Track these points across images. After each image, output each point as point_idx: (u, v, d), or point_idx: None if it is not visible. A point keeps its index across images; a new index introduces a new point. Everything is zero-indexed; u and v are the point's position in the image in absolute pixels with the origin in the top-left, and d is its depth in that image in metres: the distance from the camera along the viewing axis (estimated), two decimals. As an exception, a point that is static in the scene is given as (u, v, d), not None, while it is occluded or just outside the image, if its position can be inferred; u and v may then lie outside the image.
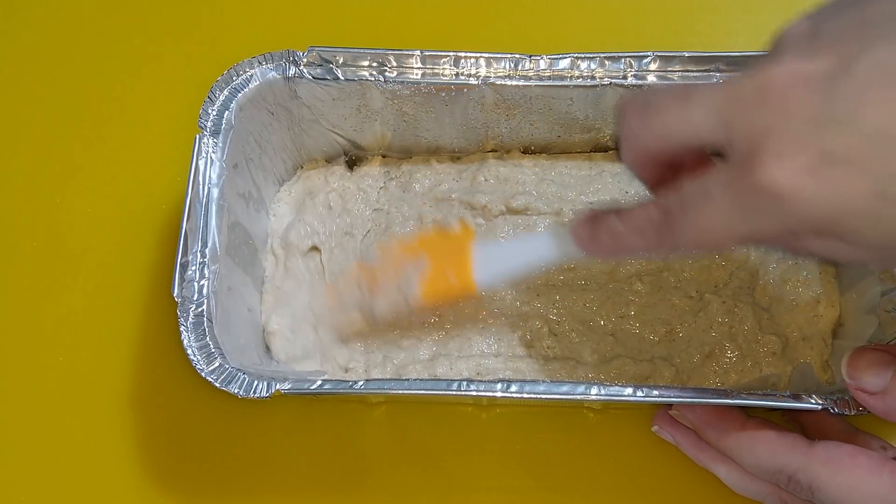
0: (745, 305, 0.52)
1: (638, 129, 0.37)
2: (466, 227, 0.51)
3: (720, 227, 0.34)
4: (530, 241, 0.47)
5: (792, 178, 0.32)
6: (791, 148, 0.32)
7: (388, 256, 0.51)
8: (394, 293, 0.49)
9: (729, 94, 0.34)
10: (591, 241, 0.41)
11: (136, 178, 0.59)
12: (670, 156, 0.38)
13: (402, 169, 0.57)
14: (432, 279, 0.48)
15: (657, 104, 0.36)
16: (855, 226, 0.32)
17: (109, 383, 0.54)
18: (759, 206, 0.33)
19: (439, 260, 0.48)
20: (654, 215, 0.37)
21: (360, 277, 0.51)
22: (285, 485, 0.52)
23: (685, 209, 0.35)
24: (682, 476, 0.51)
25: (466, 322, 0.53)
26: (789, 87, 0.32)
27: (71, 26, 0.64)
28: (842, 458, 0.41)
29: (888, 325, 0.47)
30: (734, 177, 0.33)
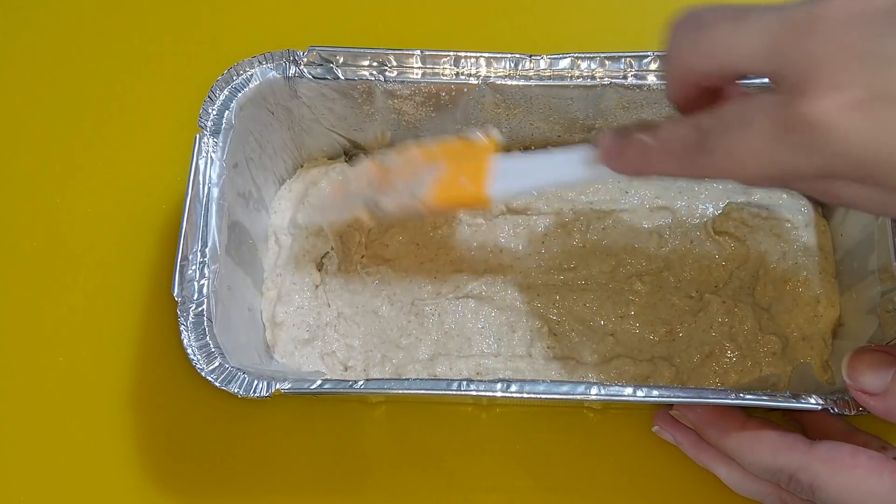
0: (745, 305, 0.52)
1: (686, 46, 0.35)
2: (490, 138, 0.48)
3: (755, 156, 0.33)
4: (553, 158, 0.44)
5: (839, 113, 0.30)
6: (843, 81, 0.30)
7: (406, 158, 0.49)
8: (403, 192, 0.47)
9: (784, 21, 0.32)
10: (619, 156, 0.39)
11: (136, 178, 0.59)
12: (716, 79, 0.36)
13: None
14: (445, 183, 0.46)
15: (710, 22, 0.34)
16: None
17: (109, 383, 0.54)
18: (800, 138, 0.31)
19: (456, 166, 0.47)
20: (689, 135, 0.35)
21: (372, 175, 0.49)
22: (285, 484, 0.52)
23: (722, 132, 0.34)
24: (682, 476, 0.51)
25: (467, 322, 0.53)
26: (847, 19, 0.31)
27: (71, 26, 0.64)
28: (842, 457, 0.41)
29: (888, 325, 0.47)
30: (780, 104, 0.32)
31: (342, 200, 0.50)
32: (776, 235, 0.54)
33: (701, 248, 0.54)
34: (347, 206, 0.50)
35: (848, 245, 0.52)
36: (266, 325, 0.53)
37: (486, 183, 0.45)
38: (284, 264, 0.54)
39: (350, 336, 0.53)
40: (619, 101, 0.52)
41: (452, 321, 0.53)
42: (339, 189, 0.52)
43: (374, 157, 0.51)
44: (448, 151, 0.48)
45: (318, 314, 0.53)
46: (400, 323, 0.53)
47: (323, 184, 0.55)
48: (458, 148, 0.48)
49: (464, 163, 0.47)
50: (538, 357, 0.52)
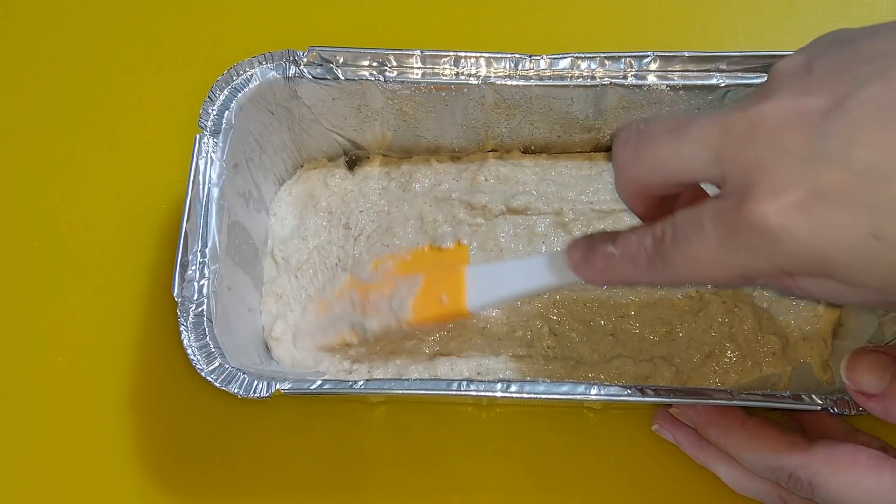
0: (745, 305, 0.52)
1: (630, 160, 0.36)
2: (460, 245, 0.51)
3: (710, 260, 0.34)
4: (525, 265, 0.46)
5: (783, 216, 0.31)
6: (782, 185, 0.31)
7: (381, 273, 0.51)
8: (385, 312, 0.49)
9: (721, 129, 0.33)
10: (584, 263, 0.40)
11: (136, 178, 0.59)
12: (663, 189, 0.37)
13: (402, 169, 0.57)
14: (424, 300, 0.48)
15: (650, 137, 0.35)
16: (848, 266, 0.31)
17: (109, 383, 0.54)
18: (749, 242, 0.32)
19: (432, 279, 0.48)
20: (647, 242, 0.36)
21: (351, 293, 0.51)
22: (285, 485, 0.52)
23: (676, 239, 0.35)
24: (682, 476, 0.51)
25: (467, 322, 0.53)
26: (782, 123, 0.32)
27: (71, 26, 0.64)
28: (842, 455, 0.41)
29: (888, 325, 0.47)
30: (726, 210, 0.33)
31: (328, 324, 0.52)
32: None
33: (701, 248, 0.54)
34: (334, 329, 0.51)
35: (848, 245, 0.52)
36: (266, 325, 0.53)
37: (463, 296, 0.47)
38: (283, 285, 0.54)
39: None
40: (619, 101, 0.52)
41: (452, 321, 0.53)
42: (324, 311, 0.53)
43: (351, 273, 0.53)
44: (422, 262, 0.50)
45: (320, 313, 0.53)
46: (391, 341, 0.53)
47: (322, 203, 0.56)
48: (431, 258, 0.51)
49: (439, 273, 0.48)
50: (538, 357, 0.52)
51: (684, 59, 0.50)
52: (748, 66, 0.50)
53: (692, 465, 0.49)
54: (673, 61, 0.51)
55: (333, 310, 0.52)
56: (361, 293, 0.51)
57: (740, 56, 0.50)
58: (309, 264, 0.55)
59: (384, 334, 0.49)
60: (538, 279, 0.44)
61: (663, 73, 0.51)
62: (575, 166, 0.56)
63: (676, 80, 0.51)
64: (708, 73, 0.51)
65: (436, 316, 0.48)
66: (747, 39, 0.62)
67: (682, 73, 0.51)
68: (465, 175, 0.56)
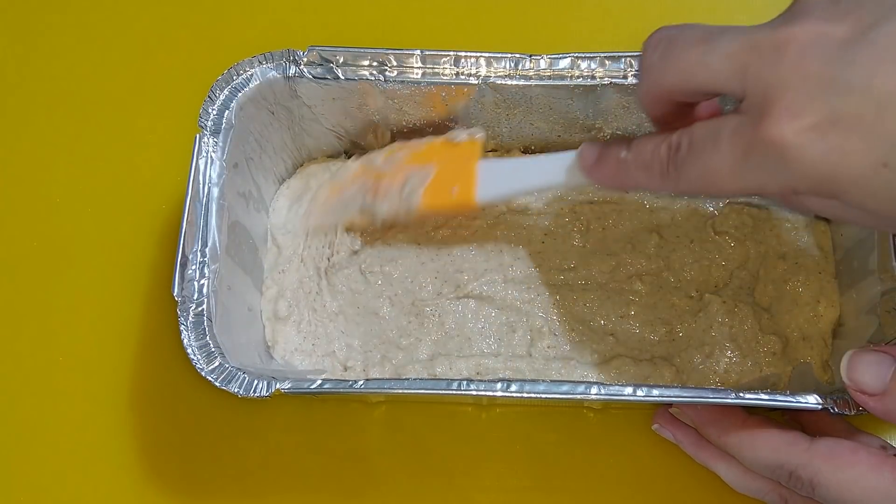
0: (745, 305, 0.52)
1: (658, 64, 0.37)
2: (473, 140, 0.50)
3: (724, 172, 0.35)
4: (537, 162, 0.46)
5: (798, 136, 0.32)
6: (801, 106, 0.32)
7: (394, 161, 0.51)
8: (395, 198, 0.49)
9: (749, 45, 0.34)
10: (597, 167, 0.41)
11: (136, 178, 0.59)
12: (685, 97, 0.38)
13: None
14: (435, 189, 0.48)
15: (680, 42, 0.36)
16: (856, 190, 0.32)
17: (109, 383, 0.54)
18: (763, 158, 0.33)
19: (444, 170, 0.48)
20: (662, 151, 0.37)
21: (364, 179, 0.51)
22: (285, 484, 0.52)
23: (693, 149, 0.36)
24: (682, 476, 0.51)
25: (467, 322, 0.53)
26: (807, 46, 0.32)
27: (71, 26, 0.64)
28: (843, 454, 0.41)
29: (888, 325, 0.47)
30: (744, 125, 0.34)
31: (338, 205, 0.52)
32: (776, 235, 0.54)
33: (701, 248, 0.54)
34: (343, 210, 0.52)
35: (848, 245, 0.52)
36: (266, 325, 0.53)
37: (474, 187, 0.47)
38: (284, 264, 0.54)
39: (350, 336, 0.53)
40: (619, 101, 0.52)
41: (453, 321, 0.53)
42: (334, 193, 0.53)
43: (363, 160, 0.53)
44: (435, 153, 0.50)
45: (319, 314, 0.53)
46: (400, 323, 0.53)
47: (316, 187, 0.55)
48: (445, 149, 0.50)
49: (451, 165, 0.48)
50: (538, 357, 0.52)
51: (684, 59, 0.50)
52: (748, 66, 0.50)
53: (692, 464, 0.49)
54: (673, 61, 0.50)
55: (344, 193, 0.52)
56: (373, 179, 0.51)
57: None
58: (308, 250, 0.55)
59: (392, 219, 0.50)
60: (548, 177, 0.45)
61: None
62: (575, 166, 0.56)
63: (676, 79, 0.51)
64: (708, 72, 0.51)
65: (445, 205, 0.48)
66: (747, 39, 0.62)
67: (682, 73, 0.51)
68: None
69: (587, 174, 0.42)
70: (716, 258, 0.54)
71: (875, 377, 0.41)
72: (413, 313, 0.53)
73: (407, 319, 0.53)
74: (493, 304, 0.53)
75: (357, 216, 0.51)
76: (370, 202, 0.50)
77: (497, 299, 0.53)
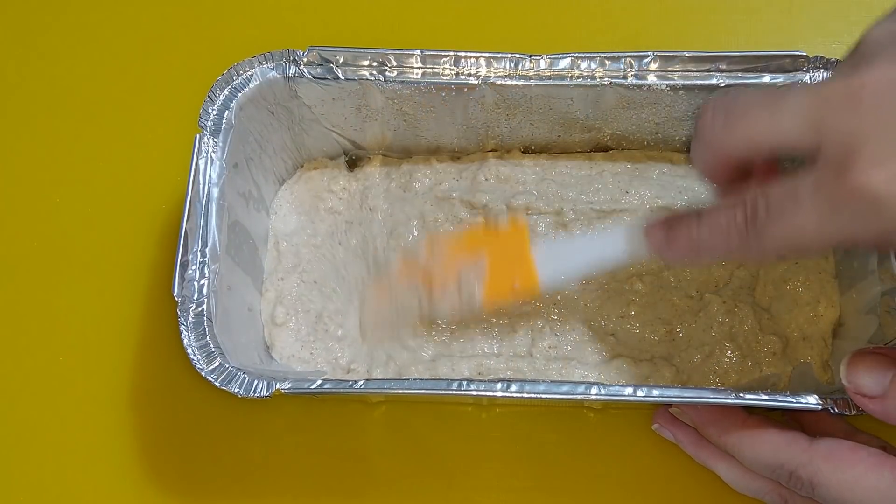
0: (745, 305, 0.52)
1: (721, 133, 0.37)
2: (517, 224, 0.50)
3: (810, 229, 0.35)
4: (598, 240, 0.45)
5: (888, 183, 0.32)
6: (885, 153, 0.32)
7: (437, 255, 0.49)
8: (454, 300, 0.48)
9: (820, 99, 0.34)
10: (669, 245, 0.41)
11: (136, 178, 0.59)
12: (747, 160, 0.37)
13: (402, 169, 0.57)
14: (494, 285, 0.47)
15: (741, 108, 0.36)
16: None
17: (109, 383, 0.54)
18: (853, 209, 0.33)
19: (498, 262, 0.47)
20: (738, 218, 0.37)
21: (411, 279, 0.50)
22: (285, 484, 0.52)
23: (772, 211, 0.35)
24: (682, 476, 0.51)
25: (469, 322, 0.53)
26: (881, 92, 0.32)
27: (71, 26, 0.64)
28: (843, 454, 0.41)
29: (888, 325, 0.47)
30: (825, 180, 0.34)
31: (393, 314, 0.51)
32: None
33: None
34: (400, 318, 0.51)
35: (848, 245, 0.52)
36: (266, 325, 0.53)
37: (535, 276, 0.46)
38: (282, 273, 0.54)
39: (351, 336, 0.53)
40: (620, 101, 0.52)
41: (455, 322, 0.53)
42: (383, 298, 0.51)
43: (404, 255, 0.52)
44: (480, 242, 0.49)
45: (316, 319, 0.53)
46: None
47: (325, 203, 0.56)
48: (490, 237, 0.49)
49: (503, 255, 0.47)
50: (539, 357, 0.52)
51: (684, 59, 0.50)
52: (748, 66, 0.50)
53: (692, 464, 0.49)
54: (673, 61, 0.51)
55: (395, 299, 0.51)
56: (422, 279, 0.49)
57: (740, 56, 0.50)
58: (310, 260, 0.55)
59: (455, 317, 0.49)
60: (609, 254, 0.44)
61: (663, 73, 0.51)
62: (575, 166, 0.56)
63: (676, 80, 0.51)
64: (708, 73, 0.51)
65: (508, 295, 0.47)
66: (747, 39, 0.62)
67: (682, 73, 0.51)
68: (465, 175, 0.56)
69: (659, 254, 0.42)
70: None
71: (875, 380, 0.41)
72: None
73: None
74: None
75: (416, 324, 0.50)
76: (427, 308, 0.49)
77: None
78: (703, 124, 0.38)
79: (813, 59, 0.50)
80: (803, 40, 0.62)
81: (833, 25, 0.62)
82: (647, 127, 0.54)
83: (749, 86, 0.50)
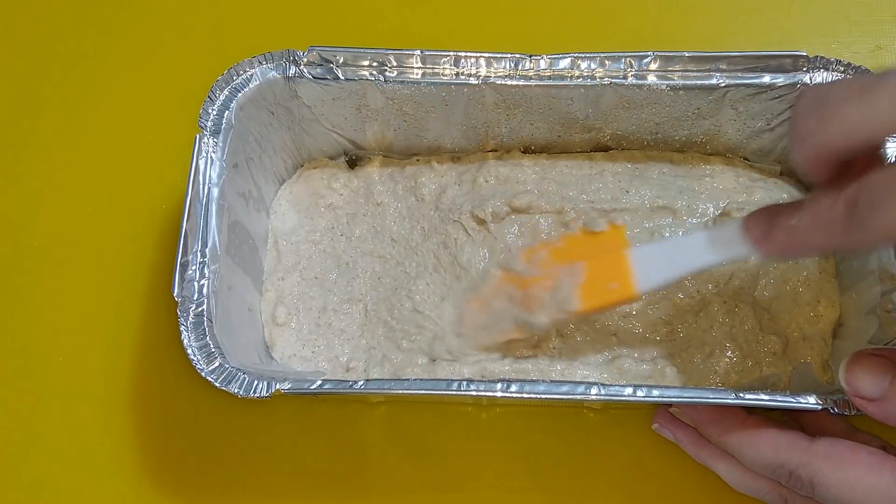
0: (745, 305, 0.52)
1: (817, 128, 0.36)
2: (615, 227, 0.49)
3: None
4: (692, 243, 0.45)
5: None
6: None
7: (537, 263, 0.49)
8: (550, 305, 0.47)
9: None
10: (768, 238, 0.40)
11: (136, 178, 0.59)
12: (847, 153, 0.37)
13: (403, 171, 0.57)
14: (591, 288, 0.47)
15: (835, 101, 0.35)
16: None
17: (109, 383, 0.54)
18: None
19: (595, 266, 0.47)
20: (840, 209, 0.36)
21: (509, 287, 0.50)
22: (285, 484, 0.52)
23: (875, 201, 0.35)
24: (682, 476, 0.51)
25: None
26: None
27: (71, 26, 0.64)
28: (843, 453, 0.41)
29: (888, 325, 0.47)
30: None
31: (491, 323, 0.50)
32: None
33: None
34: (499, 328, 0.50)
35: (848, 245, 0.52)
36: (266, 325, 0.53)
37: (631, 279, 0.46)
38: (282, 272, 0.54)
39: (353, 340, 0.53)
40: (620, 101, 0.52)
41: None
42: (483, 308, 0.51)
43: (503, 264, 0.51)
44: (577, 248, 0.48)
45: (319, 314, 0.53)
46: (405, 327, 0.53)
47: (324, 200, 0.56)
48: (586, 242, 0.49)
49: (600, 258, 0.47)
50: (542, 357, 0.52)
51: (684, 59, 0.50)
52: (748, 66, 0.50)
53: (692, 465, 0.49)
54: (673, 61, 0.51)
55: (492, 307, 0.50)
56: (520, 287, 0.49)
57: (740, 56, 0.50)
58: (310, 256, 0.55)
59: (553, 326, 0.49)
60: (709, 256, 0.44)
61: (663, 72, 0.51)
62: (575, 166, 0.56)
63: (676, 79, 0.51)
64: (708, 73, 0.51)
65: (605, 300, 0.47)
66: (747, 39, 0.62)
67: (683, 73, 0.51)
68: (465, 178, 0.56)
69: (759, 247, 0.41)
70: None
71: (873, 383, 0.41)
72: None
73: (416, 324, 0.53)
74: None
75: (515, 331, 0.50)
76: (524, 315, 0.49)
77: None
78: (797, 121, 0.37)
79: (813, 59, 0.50)
80: (803, 40, 0.62)
81: (833, 26, 0.62)
82: (647, 127, 0.54)
83: (750, 86, 0.50)
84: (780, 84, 0.51)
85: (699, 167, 0.56)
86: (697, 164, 0.56)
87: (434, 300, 0.53)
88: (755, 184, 0.55)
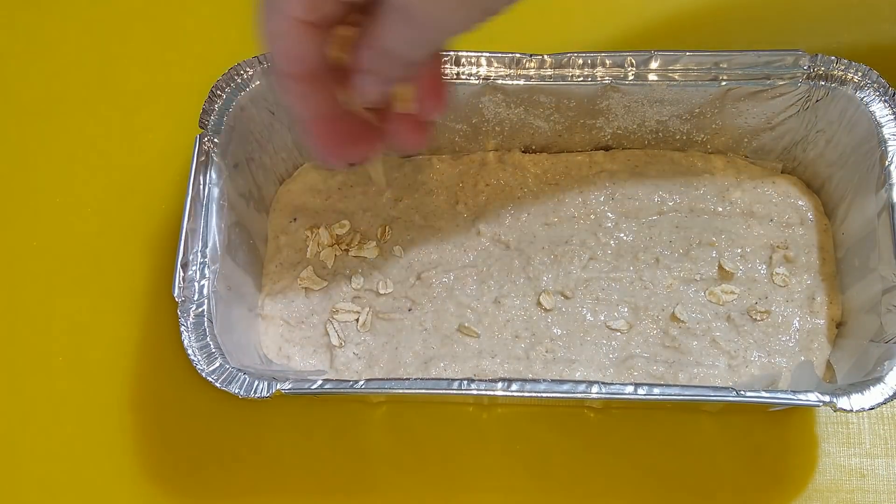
0: (746, 305, 0.52)
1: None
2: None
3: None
4: None
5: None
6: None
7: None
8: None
9: None
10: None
11: (136, 178, 0.59)
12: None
13: (403, 170, 0.57)
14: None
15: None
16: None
17: (109, 383, 0.54)
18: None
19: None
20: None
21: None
22: (285, 485, 0.52)
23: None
24: (682, 476, 0.51)
25: (471, 330, 0.53)
26: None
27: (71, 26, 0.64)
28: None
29: (889, 323, 0.47)
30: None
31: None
32: (777, 234, 0.54)
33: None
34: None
35: (849, 243, 0.52)
36: (265, 326, 0.53)
37: None
38: (284, 265, 0.54)
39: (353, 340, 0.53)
40: (620, 100, 0.52)
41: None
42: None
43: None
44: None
45: (319, 314, 0.53)
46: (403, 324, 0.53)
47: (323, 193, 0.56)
48: None
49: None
50: (537, 360, 0.52)
51: (685, 59, 0.51)
52: (748, 66, 0.50)
53: (693, 465, 0.49)
54: (674, 60, 0.51)
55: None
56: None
57: (741, 55, 0.50)
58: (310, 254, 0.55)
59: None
60: None
61: (664, 72, 0.51)
62: (575, 165, 0.56)
63: (677, 79, 0.51)
64: (708, 72, 0.51)
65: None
66: (747, 39, 0.62)
67: (683, 73, 0.51)
68: (465, 179, 0.56)
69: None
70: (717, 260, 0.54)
71: None
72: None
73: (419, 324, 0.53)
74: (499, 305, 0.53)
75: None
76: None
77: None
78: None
79: (813, 58, 0.50)
80: (803, 40, 0.62)
81: (833, 26, 0.62)
82: (647, 126, 0.54)
83: (751, 85, 0.50)
84: (781, 83, 0.51)
85: (700, 166, 0.56)
86: (698, 162, 0.56)
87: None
88: (755, 182, 0.55)
